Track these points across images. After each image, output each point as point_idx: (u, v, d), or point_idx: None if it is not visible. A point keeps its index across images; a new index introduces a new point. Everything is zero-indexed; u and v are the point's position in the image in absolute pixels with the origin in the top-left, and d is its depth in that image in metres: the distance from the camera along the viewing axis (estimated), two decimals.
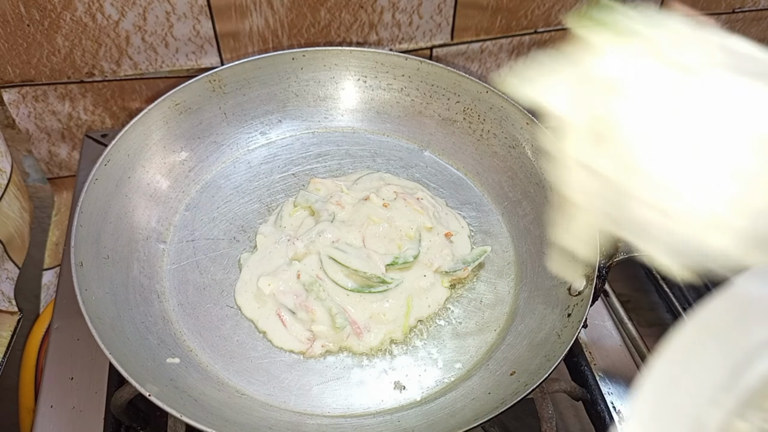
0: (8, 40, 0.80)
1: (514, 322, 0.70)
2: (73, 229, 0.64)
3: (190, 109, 0.80)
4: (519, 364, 0.64)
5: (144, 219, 0.74)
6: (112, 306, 0.64)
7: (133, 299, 0.67)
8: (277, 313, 0.68)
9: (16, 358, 0.80)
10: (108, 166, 0.71)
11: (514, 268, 0.75)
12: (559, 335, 0.63)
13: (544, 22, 0.99)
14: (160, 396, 0.55)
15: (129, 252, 0.71)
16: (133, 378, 0.55)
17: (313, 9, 0.88)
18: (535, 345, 0.65)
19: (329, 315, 0.67)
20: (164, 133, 0.78)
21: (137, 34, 0.84)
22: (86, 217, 0.66)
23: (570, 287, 0.66)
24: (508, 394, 0.59)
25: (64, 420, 0.65)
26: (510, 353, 0.67)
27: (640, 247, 0.46)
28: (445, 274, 0.72)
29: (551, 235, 0.72)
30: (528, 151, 0.78)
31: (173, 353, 0.65)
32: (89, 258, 0.64)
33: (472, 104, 0.83)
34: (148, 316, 0.67)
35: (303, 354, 0.67)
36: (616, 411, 0.69)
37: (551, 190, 0.74)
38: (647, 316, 0.84)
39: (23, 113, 0.89)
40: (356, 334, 0.67)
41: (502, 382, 0.63)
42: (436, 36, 0.96)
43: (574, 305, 0.64)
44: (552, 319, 0.66)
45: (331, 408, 0.64)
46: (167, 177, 0.78)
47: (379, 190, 0.77)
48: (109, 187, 0.71)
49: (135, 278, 0.69)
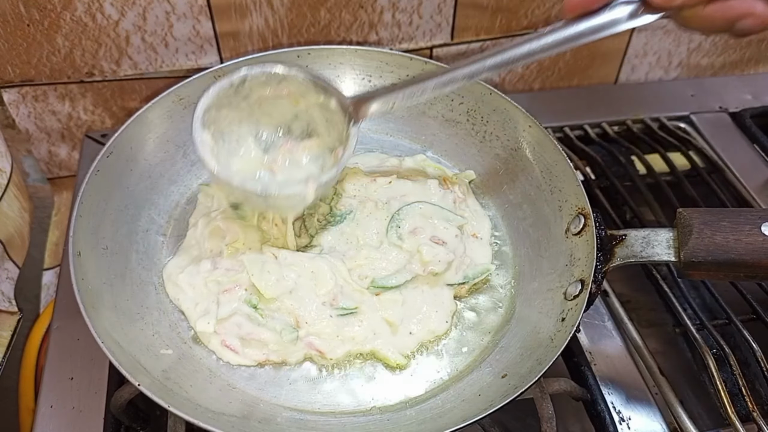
0: (8, 40, 0.80)
1: (508, 325, 0.70)
2: (72, 218, 0.64)
3: (194, 104, 0.79)
4: (511, 367, 0.64)
5: (144, 211, 0.75)
6: (109, 296, 0.64)
7: (130, 290, 0.68)
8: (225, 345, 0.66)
9: (16, 358, 0.80)
10: (110, 158, 0.71)
11: (512, 270, 0.75)
12: (552, 339, 0.63)
13: (544, 22, 0.99)
14: (151, 387, 0.55)
15: (128, 243, 0.71)
16: (124, 368, 0.55)
17: (313, 9, 0.88)
18: (528, 348, 0.65)
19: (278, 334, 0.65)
20: (167, 127, 0.78)
21: (137, 34, 0.84)
22: (86, 208, 0.66)
23: (566, 291, 0.66)
24: (497, 397, 0.59)
25: (64, 420, 0.65)
26: (503, 356, 0.67)
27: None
28: (448, 286, 0.71)
29: (549, 238, 0.73)
30: (529, 154, 0.78)
31: (167, 345, 0.65)
32: (87, 248, 0.65)
33: (476, 106, 0.83)
34: (144, 308, 0.67)
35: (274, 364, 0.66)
36: (616, 411, 0.69)
37: (551, 193, 0.74)
38: (647, 316, 0.84)
39: (23, 113, 0.89)
40: (319, 353, 0.66)
41: (493, 384, 0.63)
42: (436, 36, 0.96)
43: (569, 310, 0.64)
44: (546, 323, 0.66)
45: (321, 405, 0.64)
46: (169, 171, 0.79)
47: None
48: (111, 178, 0.71)
49: (133, 269, 0.70)
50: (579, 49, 1.04)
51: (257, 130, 0.69)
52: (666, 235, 0.63)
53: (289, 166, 0.69)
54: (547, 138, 0.75)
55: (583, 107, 1.05)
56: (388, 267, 0.71)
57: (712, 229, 0.59)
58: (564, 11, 0.58)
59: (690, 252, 0.59)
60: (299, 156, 0.70)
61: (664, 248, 0.62)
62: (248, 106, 0.67)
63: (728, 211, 0.62)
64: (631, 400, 0.70)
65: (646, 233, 0.64)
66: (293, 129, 0.70)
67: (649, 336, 0.75)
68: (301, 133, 0.70)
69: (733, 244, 0.59)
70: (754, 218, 0.59)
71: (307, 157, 0.70)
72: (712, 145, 1.00)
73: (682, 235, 0.61)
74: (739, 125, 1.04)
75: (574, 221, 0.69)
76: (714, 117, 1.05)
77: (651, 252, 0.63)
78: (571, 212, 0.70)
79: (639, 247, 0.63)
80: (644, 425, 0.68)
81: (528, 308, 0.70)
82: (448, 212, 0.76)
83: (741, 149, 1.00)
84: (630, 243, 0.64)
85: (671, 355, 0.79)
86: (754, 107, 1.06)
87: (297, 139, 0.70)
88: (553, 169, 0.74)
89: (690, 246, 0.59)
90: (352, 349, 0.67)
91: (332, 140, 0.69)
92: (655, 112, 1.04)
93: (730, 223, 0.60)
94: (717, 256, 0.59)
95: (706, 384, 0.71)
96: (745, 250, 0.58)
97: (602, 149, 0.97)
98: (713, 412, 0.71)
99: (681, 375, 0.76)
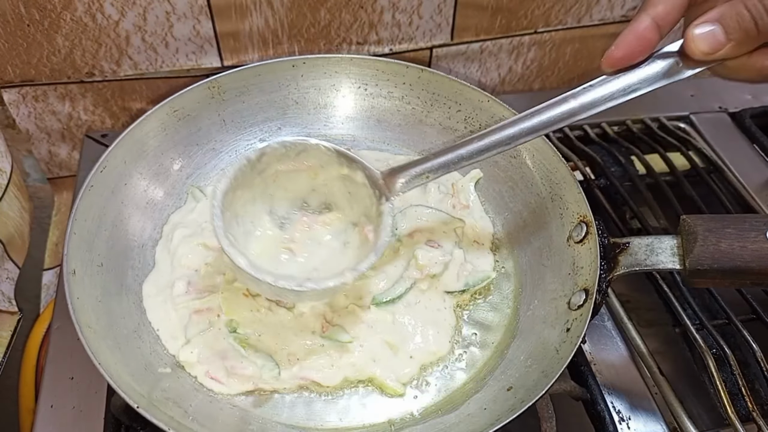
0: (8, 40, 0.80)
1: (513, 338, 0.69)
2: (66, 236, 0.63)
3: (188, 116, 0.79)
4: (516, 380, 0.63)
5: (139, 226, 0.73)
6: (105, 314, 0.63)
7: (126, 307, 0.67)
8: (210, 377, 0.64)
9: (16, 358, 0.79)
10: (104, 173, 0.70)
11: (514, 280, 0.74)
12: (557, 350, 0.62)
13: (544, 22, 0.99)
14: (148, 408, 0.54)
15: (124, 260, 0.70)
16: (121, 389, 0.54)
17: (313, 9, 0.88)
18: (533, 360, 0.64)
19: (259, 368, 0.63)
20: (162, 139, 0.77)
21: (137, 34, 0.84)
22: (80, 225, 0.65)
23: (570, 301, 0.65)
24: (504, 411, 0.58)
25: (65, 420, 0.65)
26: (507, 368, 0.66)
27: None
28: (448, 294, 0.71)
29: (551, 246, 0.72)
30: (529, 161, 0.77)
31: (165, 363, 0.64)
32: (82, 266, 0.64)
33: (473, 113, 0.82)
34: (142, 325, 0.66)
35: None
36: (616, 411, 0.69)
37: (551, 200, 0.74)
38: (647, 316, 0.84)
39: (23, 113, 0.89)
40: (315, 383, 0.64)
41: (499, 397, 0.62)
42: (436, 36, 0.96)
43: (574, 320, 0.63)
44: (551, 333, 0.65)
45: (324, 421, 0.63)
46: (164, 184, 0.77)
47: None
48: (105, 194, 0.70)
49: (129, 286, 0.69)
50: (579, 49, 1.05)
51: (271, 206, 0.66)
52: (670, 242, 0.62)
53: (309, 244, 0.66)
54: (547, 145, 0.75)
55: None
56: (387, 279, 0.70)
57: (717, 236, 0.59)
58: (604, 65, 0.54)
59: (695, 260, 0.59)
60: (319, 232, 0.66)
61: (668, 256, 0.61)
62: (263, 181, 0.64)
63: (733, 218, 0.61)
64: (630, 399, 0.70)
65: (649, 241, 0.63)
66: (310, 202, 0.67)
67: (648, 336, 0.75)
68: (318, 206, 0.67)
69: (739, 251, 0.58)
70: (759, 224, 0.59)
71: (328, 232, 0.66)
72: (712, 145, 1.00)
73: (686, 242, 0.60)
74: (738, 125, 1.04)
75: (575, 229, 0.69)
76: (714, 117, 1.05)
77: (655, 260, 0.62)
78: (572, 220, 0.69)
79: (643, 255, 0.63)
80: (644, 425, 0.68)
81: (531, 318, 0.69)
82: (445, 215, 0.76)
83: (741, 149, 1.00)
84: (634, 251, 0.63)
85: (671, 355, 0.79)
86: (753, 107, 1.06)
87: (314, 213, 0.67)
88: (553, 177, 0.74)
89: (695, 253, 0.59)
90: (350, 375, 0.65)
91: (355, 214, 0.65)
92: (654, 112, 1.04)
93: (735, 229, 0.59)
94: (722, 264, 0.58)
95: (706, 384, 0.71)
96: (751, 257, 0.57)
97: (602, 149, 0.97)
98: (713, 412, 0.71)
99: (681, 375, 0.76)
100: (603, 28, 1.02)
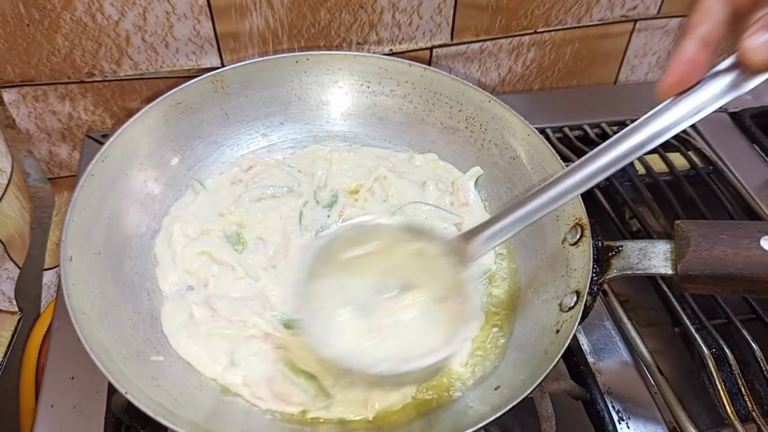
0: (8, 40, 0.80)
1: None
2: (65, 222, 0.64)
3: (191, 109, 0.80)
4: (504, 379, 0.63)
5: (139, 216, 0.74)
6: (100, 301, 0.63)
7: (122, 296, 0.67)
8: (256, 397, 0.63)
9: (17, 358, 0.80)
10: (105, 162, 0.71)
11: (509, 280, 0.74)
12: (546, 351, 0.62)
13: (544, 22, 0.99)
14: (138, 396, 0.54)
15: (121, 249, 0.71)
16: (111, 375, 0.54)
17: (313, 9, 0.88)
18: (521, 360, 0.64)
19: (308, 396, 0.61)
20: (164, 131, 0.78)
21: (137, 34, 0.84)
22: (79, 212, 0.66)
23: (561, 302, 0.65)
24: (488, 410, 0.57)
25: (65, 420, 0.65)
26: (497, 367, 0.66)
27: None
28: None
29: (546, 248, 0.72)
30: (527, 163, 0.78)
31: (158, 351, 0.65)
32: (80, 252, 0.64)
33: (475, 113, 0.82)
34: (137, 313, 0.67)
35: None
36: (616, 410, 0.69)
37: None
38: (646, 316, 0.84)
39: (23, 113, 0.89)
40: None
41: (486, 396, 0.62)
42: (436, 36, 0.97)
43: (564, 321, 0.63)
44: (541, 334, 0.65)
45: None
46: (165, 176, 0.78)
47: None
48: (105, 183, 0.71)
49: (126, 275, 0.69)
50: (579, 49, 1.05)
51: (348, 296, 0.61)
52: (663, 247, 0.62)
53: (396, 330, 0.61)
54: (546, 147, 0.75)
55: (582, 107, 1.05)
56: None
57: (710, 242, 0.58)
58: (659, 95, 0.53)
59: (687, 265, 0.58)
60: (403, 316, 0.61)
61: (660, 260, 0.61)
62: (335, 271, 0.60)
63: (727, 224, 0.61)
64: (630, 399, 0.70)
65: (643, 245, 0.63)
66: (389, 286, 0.62)
67: (648, 336, 0.75)
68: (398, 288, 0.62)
69: (732, 257, 0.57)
70: (753, 231, 0.58)
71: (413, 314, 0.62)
72: (712, 145, 1.00)
73: (679, 247, 0.60)
74: (738, 125, 1.04)
75: (571, 231, 0.69)
76: (713, 117, 1.04)
77: (648, 264, 0.62)
78: (568, 222, 0.69)
79: (635, 259, 0.63)
80: (643, 425, 0.69)
81: (524, 319, 0.69)
82: (443, 212, 0.76)
83: (740, 149, 1.00)
84: (626, 255, 0.63)
85: (671, 355, 0.79)
86: (753, 107, 1.06)
87: (394, 296, 0.62)
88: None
89: (687, 259, 0.58)
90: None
91: (438, 289, 0.61)
92: None
93: (728, 236, 0.58)
94: (715, 270, 0.58)
95: (705, 384, 0.71)
96: (744, 264, 0.57)
97: None
98: (713, 412, 0.71)
99: (680, 375, 0.76)
100: (603, 28, 1.02)
